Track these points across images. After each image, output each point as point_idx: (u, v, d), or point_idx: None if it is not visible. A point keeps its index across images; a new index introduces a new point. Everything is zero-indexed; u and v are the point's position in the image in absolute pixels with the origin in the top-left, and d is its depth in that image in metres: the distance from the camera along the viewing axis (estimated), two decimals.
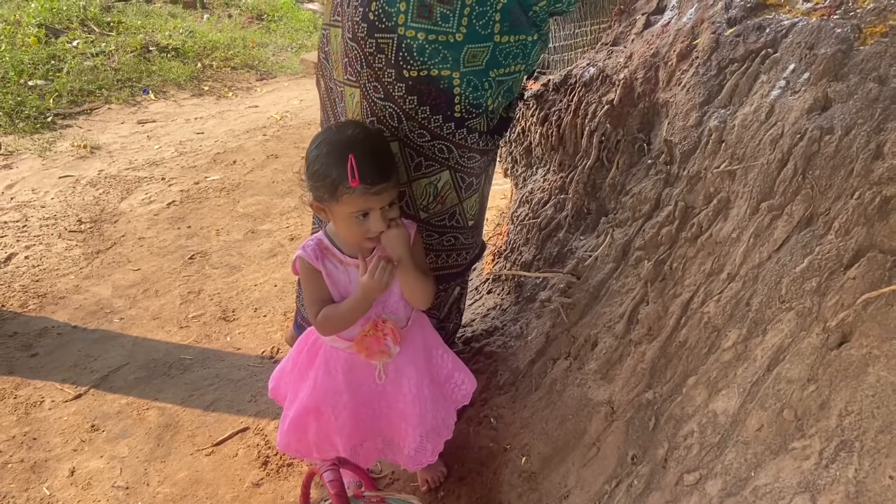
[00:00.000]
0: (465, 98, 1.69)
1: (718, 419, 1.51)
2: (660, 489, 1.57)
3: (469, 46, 1.62)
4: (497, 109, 1.79)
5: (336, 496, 1.42)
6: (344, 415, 1.69)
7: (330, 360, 1.68)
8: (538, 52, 1.76)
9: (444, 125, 1.71)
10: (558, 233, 2.31)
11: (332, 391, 1.68)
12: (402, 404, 1.71)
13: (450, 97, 1.68)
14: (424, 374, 1.72)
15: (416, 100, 1.68)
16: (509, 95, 1.81)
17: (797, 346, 1.40)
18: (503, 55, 1.67)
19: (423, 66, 1.63)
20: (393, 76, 1.66)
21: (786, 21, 1.66)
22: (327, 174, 1.43)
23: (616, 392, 1.74)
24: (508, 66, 1.69)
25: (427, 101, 1.68)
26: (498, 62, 1.67)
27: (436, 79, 1.65)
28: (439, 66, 1.63)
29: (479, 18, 1.59)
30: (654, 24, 2.07)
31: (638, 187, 1.94)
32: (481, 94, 1.70)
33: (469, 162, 1.79)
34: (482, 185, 1.91)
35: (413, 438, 1.72)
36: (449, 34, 1.60)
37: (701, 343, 1.59)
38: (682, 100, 1.80)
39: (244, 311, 2.98)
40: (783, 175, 1.48)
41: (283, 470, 2.12)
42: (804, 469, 1.35)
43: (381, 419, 1.75)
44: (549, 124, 2.32)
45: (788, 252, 1.44)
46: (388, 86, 1.67)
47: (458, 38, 1.60)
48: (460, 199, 1.85)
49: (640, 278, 1.81)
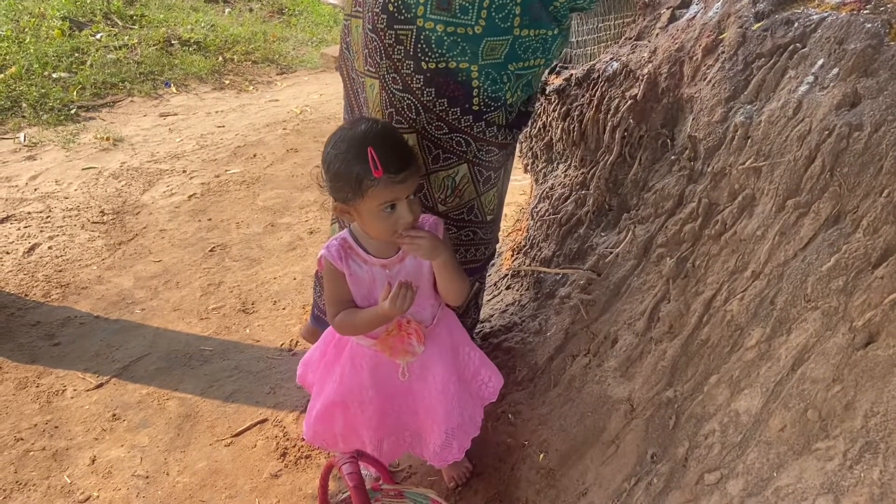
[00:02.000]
0: (483, 91, 1.67)
1: (740, 418, 1.49)
2: (679, 488, 1.55)
3: (488, 39, 1.60)
4: (516, 103, 1.77)
5: (354, 489, 1.42)
6: (370, 410, 1.69)
7: (356, 355, 1.67)
8: (559, 47, 1.74)
9: (462, 118, 1.70)
10: (579, 229, 2.30)
11: (358, 386, 1.68)
12: (429, 401, 1.70)
13: (468, 90, 1.67)
14: (451, 372, 1.71)
15: (434, 92, 1.67)
16: (528, 90, 1.79)
17: (822, 346, 1.38)
18: (522, 49, 1.65)
19: (442, 58, 1.62)
20: (412, 68, 1.65)
21: (815, 15, 1.63)
22: (349, 171, 1.42)
23: (636, 390, 1.73)
24: (528, 59, 1.68)
25: (445, 94, 1.67)
26: (517, 56, 1.65)
27: (454, 71, 1.64)
28: (458, 59, 1.62)
29: (499, 11, 1.58)
30: (680, 19, 2.05)
31: (661, 183, 1.92)
32: (500, 87, 1.69)
33: (487, 156, 1.78)
34: (500, 179, 1.90)
35: (439, 435, 1.71)
36: (468, 26, 1.58)
37: (723, 341, 1.57)
38: (708, 95, 1.78)
39: (263, 303, 2.99)
40: (810, 172, 1.46)
41: (301, 462, 2.12)
42: (828, 470, 1.33)
43: (407, 415, 1.75)
44: (570, 119, 2.30)
45: (815, 250, 1.42)
46: (406, 77, 1.67)
47: (477, 30, 1.59)
48: (478, 193, 1.84)
49: (661, 275, 1.79)
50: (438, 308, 1.67)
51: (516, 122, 1.81)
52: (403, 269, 1.57)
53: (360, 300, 1.59)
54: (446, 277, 1.55)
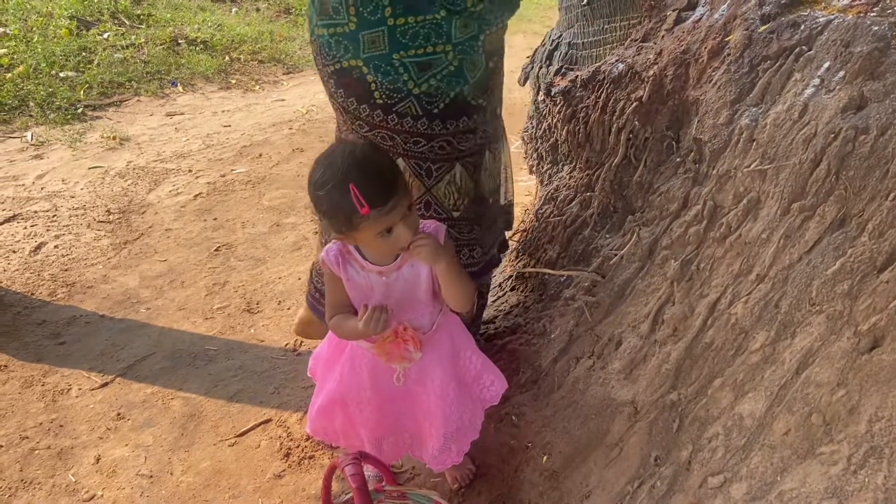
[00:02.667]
0: (380, 84, 1.70)
1: (744, 422, 1.49)
2: (683, 491, 1.55)
3: (363, 33, 1.66)
4: (433, 92, 1.72)
5: (357, 490, 1.42)
6: (367, 410, 1.69)
7: (356, 356, 1.68)
8: (463, 29, 1.69)
9: (372, 113, 1.75)
10: (583, 231, 2.29)
11: (357, 386, 1.68)
12: (427, 405, 1.70)
13: (366, 85, 1.72)
14: (451, 377, 1.70)
15: (343, 93, 1.76)
16: (453, 80, 1.74)
17: (827, 350, 1.37)
18: (407, 37, 1.65)
19: (335, 59, 1.71)
20: (325, 75, 1.79)
21: (821, 18, 1.63)
22: (337, 209, 1.39)
23: (640, 392, 1.73)
24: (421, 47, 1.67)
25: (352, 93, 1.75)
26: (402, 44, 1.66)
27: (348, 70, 1.71)
28: (346, 58, 1.70)
29: (366, 6, 1.63)
30: (686, 21, 2.04)
31: (666, 186, 1.91)
32: (396, 78, 1.69)
33: (417, 147, 1.78)
34: (458, 174, 1.86)
35: (437, 439, 1.71)
36: (342, 24, 1.66)
37: (728, 345, 1.57)
38: (713, 97, 1.77)
39: (268, 303, 2.99)
40: (816, 175, 1.45)
41: (304, 462, 2.13)
42: (832, 475, 1.33)
43: (406, 417, 1.75)
44: (576, 121, 2.30)
45: (820, 254, 1.42)
46: (328, 86, 1.81)
47: (351, 27, 1.66)
48: (427, 187, 1.85)
49: (666, 278, 1.79)
50: (438, 314, 1.66)
51: (450, 112, 1.77)
52: (401, 277, 1.56)
53: (359, 305, 1.58)
54: (449, 282, 1.54)
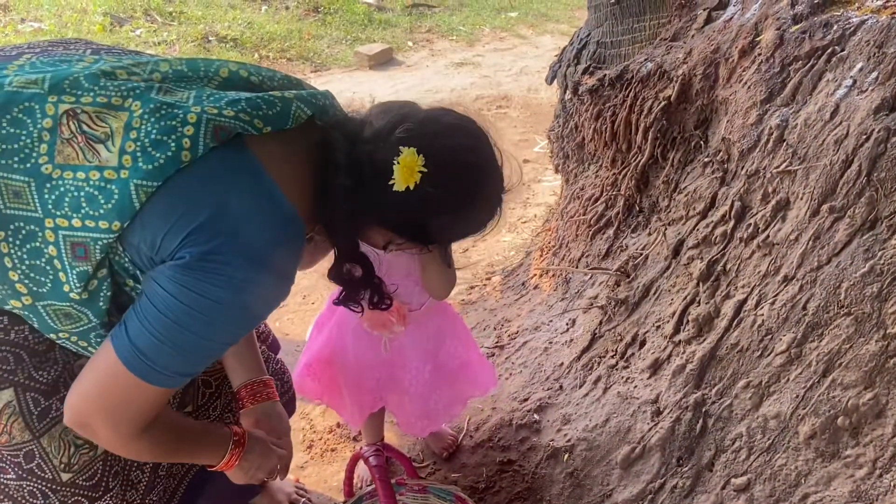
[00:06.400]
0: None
1: (769, 424, 1.48)
2: (706, 492, 1.55)
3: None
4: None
5: (380, 481, 1.43)
6: (348, 374, 1.77)
7: (342, 322, 1.76)
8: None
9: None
10: (608, 229, 2.29)
11: (342, 349, 1.76)
12: (404, 381, 1.79)
13: None
14: (428, 360, 1.78)
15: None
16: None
17: (855, 353, 1.36)
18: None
19: None
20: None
21: (854, 18, 1.61)
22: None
23: (663, 392, 1.72)
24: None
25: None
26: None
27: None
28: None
29: None
30: (716, 20, 2.03)
31: (693, 185, 1.90)
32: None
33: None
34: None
35: (409, 412, 1.82)
36: None
37: (753, 346, 1.56)
38: (743, 97, 1.76)
39: (293, 297, 3.02)
40: (846, 176, 1.44)
41: (327, 454, 2.15)
42: (857, 478, 1.32)
43: (383, 388, 1.82)
44: (602, 120, 2.29)
45: (849, 256, 1.40)
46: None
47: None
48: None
49: (691, 278, 1.78)
50: (428, 298, 1.70)
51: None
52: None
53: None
54: (428, 267, 1.56)
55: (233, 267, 0.96)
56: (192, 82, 1.06)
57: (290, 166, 1.07)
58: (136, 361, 0.98)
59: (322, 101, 1.14)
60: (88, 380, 1.03)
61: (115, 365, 0.98)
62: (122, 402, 1.01)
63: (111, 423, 1.03)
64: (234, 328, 1.06)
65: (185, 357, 1.01)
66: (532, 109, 5.30)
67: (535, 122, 5.02)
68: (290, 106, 1.07)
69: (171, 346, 0.98)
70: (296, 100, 1.08)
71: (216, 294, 0.96)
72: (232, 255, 0.95)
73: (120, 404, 1.02)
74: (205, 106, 0.98)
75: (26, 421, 1.13)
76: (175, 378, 1.03)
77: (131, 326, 0.98)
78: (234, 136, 1.00)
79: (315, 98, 1.12)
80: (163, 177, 0.93)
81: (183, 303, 0.95)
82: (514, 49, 6.96)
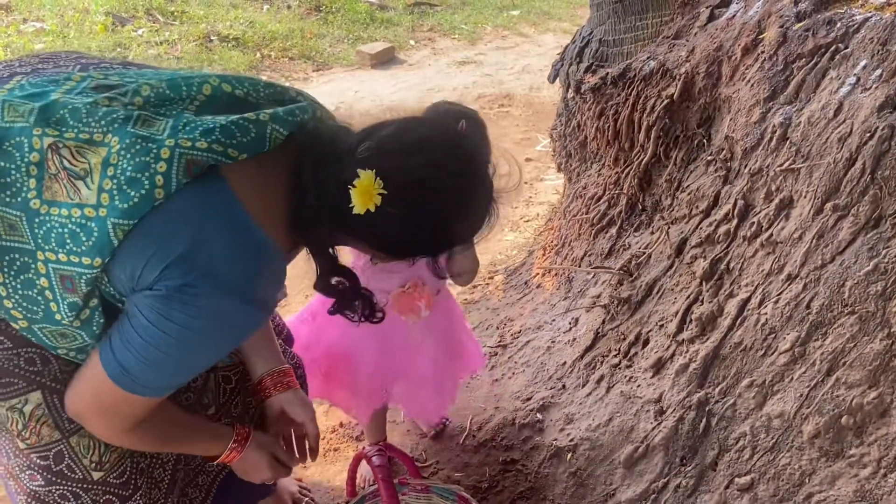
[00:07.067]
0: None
1: (773, 423, 1.47)
2: (709, 491, 1.54)
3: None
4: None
5: (382, 481, 1.43)
6: (364, 366, 1.78)
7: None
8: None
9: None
10: (611, 228, 2.28)
11: (361, 340, 1.75)
12: (421, 366, 1.82)
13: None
14: (443, 345, 1.84)
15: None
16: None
17: (859, 351, 1.35)
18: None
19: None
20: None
21: (858, 16, 1.60)
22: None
23: (666, 391, 1.72)
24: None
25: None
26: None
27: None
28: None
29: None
30: (719, 18, 2.02)
31: (696, 184, 1.90)
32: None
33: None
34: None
35: (422, 397, 1.87)
36: None
37: (757, 345, 1.55)
38: (746, 95, 1.75)
39: (295, 297, 3.02)
40: (850, 175, 1.43)
41: (329, 454, 2.15)
42: (861, 477, 1.32)
43: (393, 379, 1.84)
44: (605, 118, 2.29)
45: (853, 254, 1.40)
46: None
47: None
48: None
49: (695, 277, 1.77)
50: (444, 284, 1.76)
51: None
52: None
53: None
54: (458, 258, 1.59)
55: (207, 298, 0.99)
56: (174, 105, 1.06)
57: (267, 190, 1.07)
58: (122, 377, 1.02)
59: (300, 116, 1.12)
60: (82, 383, 1.08)
61: (103, 377, 1.03)
62: (112, 407, 1.07)
63: (103, 421, 1.09)
64: (212, 352, 1.11)
65: (167, 375, 1.07)
66: (534, 108, 5.29)
67: (537, 120, 5.01)
68: (266, 129, 1.06)
69: (152, 367, 1.03)
70: (271, 121, 1.07)
71: (192, 324, 1.00)
72: (206, 287, 0.99)
73: (110, 408, 1.08)
74: (179, 138, 0.99)
75: (56, 421, 1.16)
76: (161, 390, 1.08)
77: (116, 345, 1.02)
78: (209, 166, 1.01)
79: (292, 115, 1.10)
80: (138, 215, 0.96)
81: (161, 330, 0.99)
82: (516, 47, 6.95)
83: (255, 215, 1.03)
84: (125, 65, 1.20)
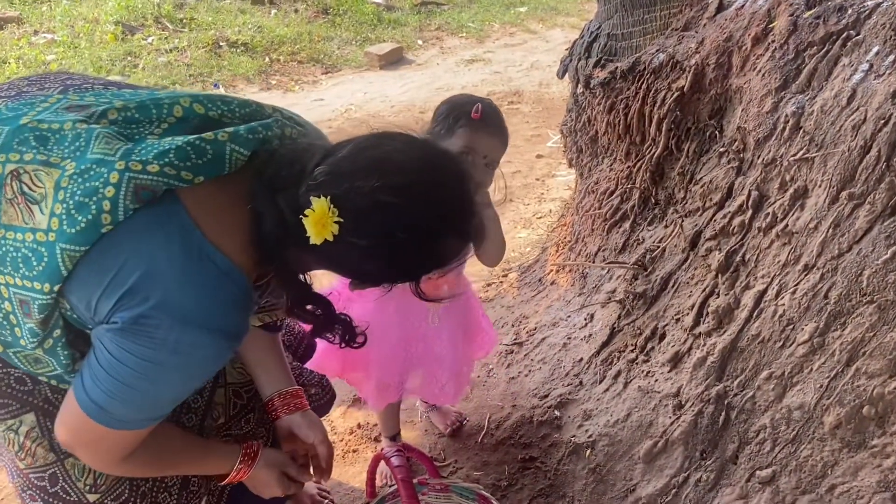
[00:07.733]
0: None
1: (793, 415, 1.46)
2: (730, 485, 1.53)
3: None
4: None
5: (402, 481, 1.43)
6: (383, 348, 1.77)
7: (381, 299, 1.73)
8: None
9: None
10: (624, 223, 2.27)
11: (382, 324, 1.73)
12: (439, 348, 1.83)
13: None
14: (461, 327, 1.87)
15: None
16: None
17: (879, 341, 1.34)
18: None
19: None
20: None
21: (869, 2, 1.58)
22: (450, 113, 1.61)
23: (684, 385, 1.71)
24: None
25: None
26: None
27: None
28: None
29: None
30: (728, 8, 2.01)
31: (709, 176, 1.89)
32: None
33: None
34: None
35: (440, 380, 1.87)
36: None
37: (775, 336, 1.54)
38: (757, 85, 1.74)
39: None
40: (865, 162, 1.42)
41: (348, 455, 2.15)
42: (884, 468, 1.30)
43: (412, 366, 1.85)
44: (616, 112, 2.28)
45: (871, 243, 1.38)
46: None
47: None
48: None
49: (710, 269, 1.76)
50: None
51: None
52: None
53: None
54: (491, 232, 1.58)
55: (164, 329, 0.95)
56: (141, 127, 1.04)
57: (228, 214, 1.01)
58: (97, 413, 1.00)
59: (263, 133, 1.06)
60: (65, 416, 1.05)
61: (80, 414, 1.01)
62: (96, 441, 1.05)
63: (91, 453, 1.07)
64: (184, 384, 1.06)
65: (142, 409, 1.04)
66: (544, 104, 5.27)
67: (547, 116, 5.00)
68: (224, 149, 1.01)
69: (123, 402, 1.00)
70: (230, 141, 1.01)
71: (153, 356, 0.96)
72: (162, 317, 0.95)
73: (94, 442, 1.05)
74: (130, 161, 0.95)
75: (50, 443, 1.16)
76: (141, 423, 1.05)
77: (86, 381, 1.00)
78: (165, 190, 0.96)
79: (254, 132, 1.05)
80: (87, 242, 0.93)
81: (124, 364, 0.96)
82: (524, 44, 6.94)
83: (215, 240, 0.98)
84: (107, 85, 1.17)
